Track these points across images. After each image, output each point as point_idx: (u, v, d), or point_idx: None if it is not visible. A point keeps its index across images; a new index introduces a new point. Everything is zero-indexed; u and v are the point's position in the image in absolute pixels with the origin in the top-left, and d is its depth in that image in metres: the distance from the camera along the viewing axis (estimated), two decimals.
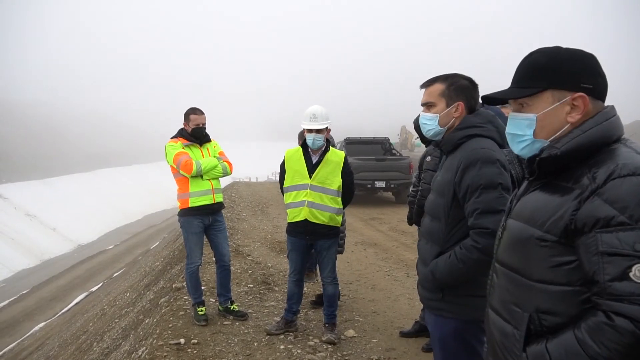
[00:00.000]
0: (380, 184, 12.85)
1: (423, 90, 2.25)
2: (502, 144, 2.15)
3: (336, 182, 3.95)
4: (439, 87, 2.18)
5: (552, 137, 1.38)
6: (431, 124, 2.19)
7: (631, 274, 1.11)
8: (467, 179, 2.01)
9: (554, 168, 1.33)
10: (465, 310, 2.08)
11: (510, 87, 1.46)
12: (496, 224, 1.90)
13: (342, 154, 4.05)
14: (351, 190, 4.08)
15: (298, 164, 3.99)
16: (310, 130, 3.86)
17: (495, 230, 1.88)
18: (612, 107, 1.35)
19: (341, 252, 4.98)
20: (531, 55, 1.43)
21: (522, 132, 1.43)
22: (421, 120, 2.25)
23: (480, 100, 2.44)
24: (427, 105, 2.21)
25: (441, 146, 2.23)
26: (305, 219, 3.91)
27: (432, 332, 2.25)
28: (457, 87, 2.16)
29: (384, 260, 7.18)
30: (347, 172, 4.01)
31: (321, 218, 3.91)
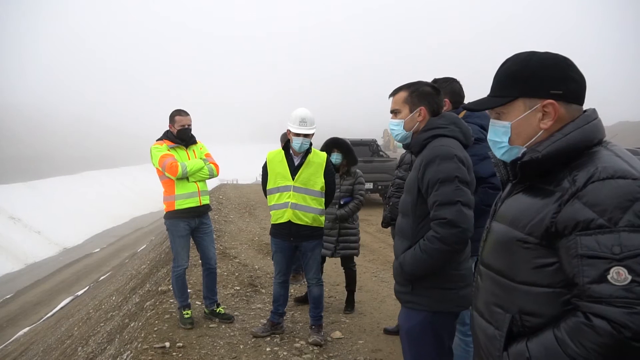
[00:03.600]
0: (368, 186, 12.87)
1: (391, 98, 2.41)
2: (467, 143, 2.31)
3: (319, 182, 3.96)
4: (402, 94, 2.35)
5: (528, 144, 1.40)
6: (398, 129, 2.37)
7: (609, 277, 1.13)
8: (427, 175, 2.14)
9: (536, 171, 1.35)
10: (433, 303, 2.18)
11: (487, 96, 1.50)
12: (454, 214, 2.04)
13: (324, 154, 4.07)
14: (332, 191, 4.11)
15: (280, 166, 3.98)
16: (298, 135, 3.86)
17: (452, 220, 2.03)
18: (594, 110, 1.37)
19: (358, 254, 4.97)
20: (505, 63, 1.45)
21: (500, 139, 1.47)
22: (390, 126, 2.41)
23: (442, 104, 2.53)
24: (394, 112, 2.38)
25: (411, 148, 2.38)
26: (289, 221, 3.92)
27: (401, 325, 2.33)
28: (419, 93, 2.32)
29: (371, 262, 7.20)
30: (329, 173, 4.03)
31: (304, 219, 3.91)
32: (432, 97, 2.31)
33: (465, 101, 3.25)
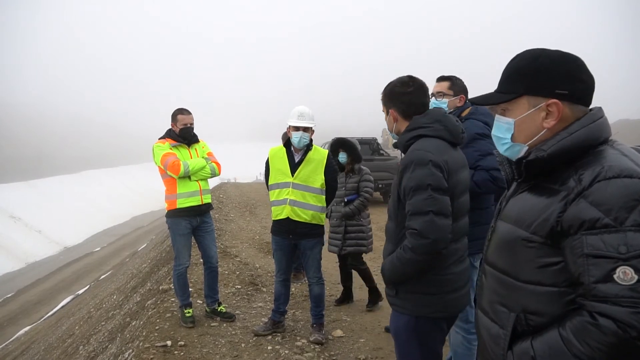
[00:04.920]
0: None
1: None
2: (455, 141, 2.19)
3: (319, 180, 3.96)
4: (381, 97, 2.34)
5: (530, 142, 1.40)
6: (389, 132, 2.37)
7: (615, 276, 1.12)
8: (404, 181, 2.09)
9: (541, 170, 1.34)
10: (416, 307, 2.15)
11: (494, 91, 1.48)
12: (423, 225, 1.99)
13: (325, 152, 4.06)
14: (333, 189, 4.11)
15: (281, 163, 3.99)
16: (297, 128, 3.86)
17: (422, 231, 1.98)
18: (600, 108, 1.36)
19: (368, 251, 4.99)
20: (514, 59, 1.44)
21: (503, 135, 1.46)
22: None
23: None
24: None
25: (399, 149, 2.32)
26: (288, 217, 3.92)
27: (390, 325, 2.33)
28: (387, 94, 2.28)
29: (372, 260, 7.19)
30: (330, 170, 4.02)
31: (303, 216, 3.92)
32: (399, 96, 2.22)
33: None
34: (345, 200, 4.81)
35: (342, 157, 4.85)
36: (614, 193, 1.16)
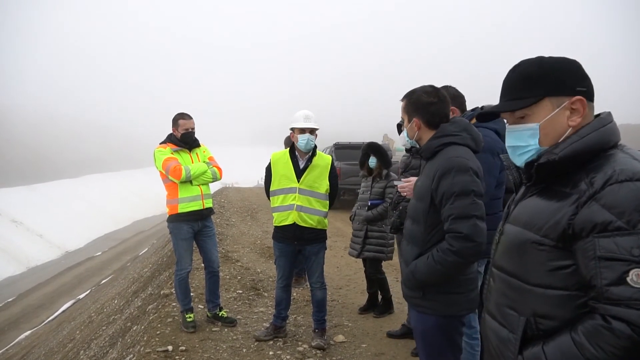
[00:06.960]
0: None
1: None
2: (477, 150, 2.28)
3: (324, 185, 3.96)
4: (403, 103, 2.36)
5: (557, 143, 1.38)
6: (405, 136, 2.40)
7: (628, 279, 1.12)
8: (442, 187, 2.12)
9: (552, 173, 1.34)
10: (444, 307, 2.20)
11: (501, 102, 1.45)
12: (469, 228, 2.03)
13: (328, 157, 4.07)
14: (336, 193, 4.11)
15: (285, 168, 3.98)
16: (303, 131, 3.85)
17: (469, 235, 2.02)
18: (609, 113, 1.37)
19: (387, 259, 4.89)
20: (518, 67, 1.43)
21: (526, 142, 1.42)
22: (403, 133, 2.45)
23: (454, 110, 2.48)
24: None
25: (421, 153, 2.34)
26: (294, 223, 3.91)
27: (414, 327, 2.35)
28: (412, 103, 2.31)
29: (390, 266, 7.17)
30: (333, 175, 4.04)
31: (310, 222, 3.91)
32: (426, 107, 2.27)
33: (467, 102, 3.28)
34: (369, 204, 4.79)
35: (372, 161, 4.83)
36: (626, 196, 1.16)
